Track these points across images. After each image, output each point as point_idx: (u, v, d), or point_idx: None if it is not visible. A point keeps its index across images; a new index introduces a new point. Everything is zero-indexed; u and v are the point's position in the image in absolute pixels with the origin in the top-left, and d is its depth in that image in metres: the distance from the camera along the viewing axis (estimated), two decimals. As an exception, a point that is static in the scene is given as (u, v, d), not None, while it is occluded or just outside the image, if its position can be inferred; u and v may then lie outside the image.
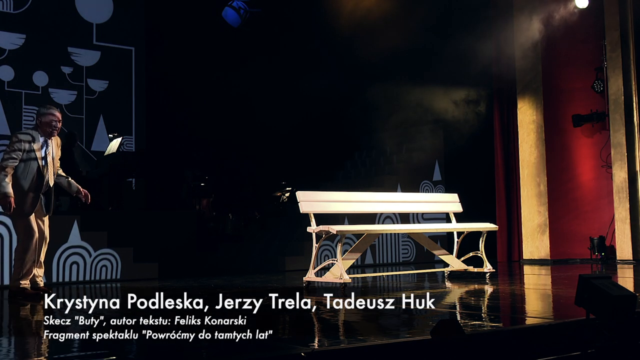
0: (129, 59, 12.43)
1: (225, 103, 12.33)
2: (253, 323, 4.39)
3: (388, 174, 11.76)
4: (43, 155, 6.28)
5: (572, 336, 3.87)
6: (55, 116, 6.32)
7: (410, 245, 11.19)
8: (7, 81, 11.15)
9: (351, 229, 7.34)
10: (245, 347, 3.54)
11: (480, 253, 7.69)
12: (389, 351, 3.27)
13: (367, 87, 11.94)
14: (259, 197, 13.33)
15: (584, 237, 10.52)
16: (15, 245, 7.62)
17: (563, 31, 10.59)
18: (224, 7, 12.26)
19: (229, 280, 7.87)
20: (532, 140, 11.04)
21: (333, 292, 6.17)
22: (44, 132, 6.29)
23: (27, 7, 11.40)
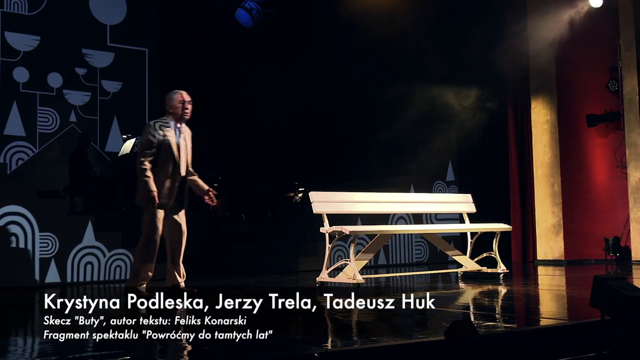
0: (142, 60, 12.49)
1: (238, 103, 12.35)
2: (268, 323, 4.40)
3: (401, 174, 11.72)
4: (177, 142, 5.96)
5: (586, 337, 3.85)
6: (183, 96, 5.98)
7: (424, 246, 11.16)
8: (21, 82, 11.23)
9: (364, 230, 7.34)
10: (258, 347, 3.55)
11: (493, 254, 7.65)
12: (402, 352, 3.27)
13: (380, 87, 11.92)
14: (272, 197, 13.34)
15: (598, 237, 10.45)
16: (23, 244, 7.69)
17: (577, 30, 10.52)
18: (237, 9, 12.30)
19: (242, 280, 7.88)
20: (546, 140, 10.98)
21: (346, 292, 6.16)
22: (174, 116, 5.96)
23: (41, 9, 11.48)
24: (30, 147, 11.25)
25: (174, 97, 5.98)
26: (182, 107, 5.96)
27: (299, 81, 12.12)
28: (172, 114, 5.97)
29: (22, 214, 7.69)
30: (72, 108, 11.67)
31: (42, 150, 11.32)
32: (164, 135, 5.87)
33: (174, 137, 5.94)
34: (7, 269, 7.52)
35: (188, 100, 6.02)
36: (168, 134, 5.90)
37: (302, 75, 12.22)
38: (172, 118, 5.98)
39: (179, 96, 5.98)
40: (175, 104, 5.95)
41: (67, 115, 11.61)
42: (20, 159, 11.15)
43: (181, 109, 5.96)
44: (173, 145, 5.91)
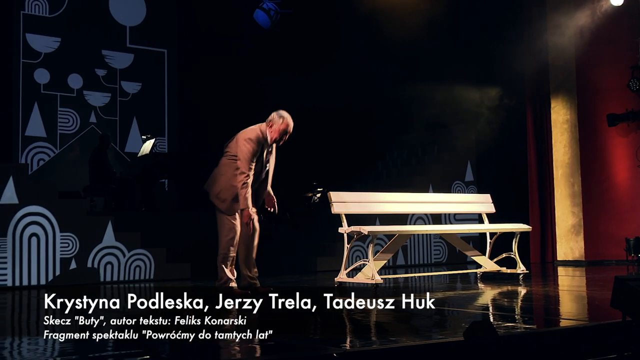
0: (161, 61, 12.57)
1: (255, 104, 12.36)
2: (286, 323, 4.41)
3: (420, 174, 11.69)
4: (266, 159, 6.01)
5: (607, 339, 3.82)
6: (290, 127, 5.99)
7: (442, 246, 11.13)
8: (42, 84, 11.35)
9: (383, 230, 7.33)
10: (277, 347, 3.55)
11: (513, 254, 7.61)
12: (421, 352, 3.26)
13: (398, 87, 11.90)
14: (291, 198, 13.34)
15: (619, 238, 10.35)
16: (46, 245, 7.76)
17: (597, 29, 10.43)
18: (255, 9, 12.33)
19: (260, 280, 7.89)
20: (565, 140, 10.91)
21: (364, 292, 6.16)
22: (272, 137, 5.96)
23: (62, 11, 11.59)
24: (51, 148, 11.36)
25: (279, 122, 5.96)
26: (282, 135, 5.98)
27: (317, 81, 12.13)
28: (270, 131, 5.96)
29: (43, 214, 7.77)
30: (92, 109, 11.77)
31: (62, 151, 11.43)
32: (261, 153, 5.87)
33: (264, 155, 5.95)
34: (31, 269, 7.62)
35: (290, 132, 6.03)
36: (264, 150, 5.91)
37: (320, 76, 12.22)
38: (270, 137, 5.96)
39: (286, 125, 5.96)
40: (279, 128, 5.95)
41: (87, 116, 11.71)
42: (42, 159, 11.26)
43: (280, 136, 5.98)
44: (263, 162, 5.95)
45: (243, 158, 5.80)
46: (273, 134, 5.97)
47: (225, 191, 5.88)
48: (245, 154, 5.81)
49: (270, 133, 5.97)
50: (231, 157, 5.92)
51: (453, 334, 3.80)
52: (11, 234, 7.58)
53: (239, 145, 5.88)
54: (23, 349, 3.69)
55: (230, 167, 5.88)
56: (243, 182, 5.76)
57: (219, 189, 5.93)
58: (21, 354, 3.54)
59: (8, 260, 7.55)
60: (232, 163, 5.88)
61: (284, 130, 5.97)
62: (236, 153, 5.87)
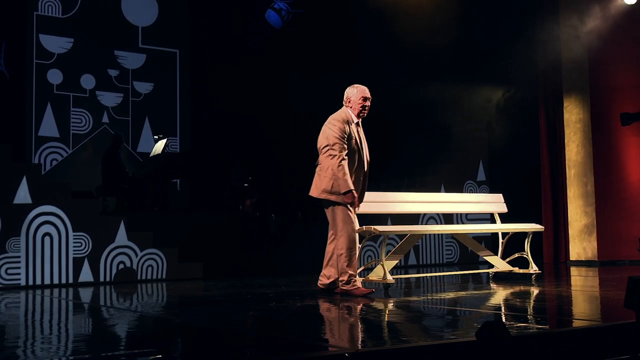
0: (173, 62, 12.61)
1: (267, 104, 12.39)
2: (297, 322, 4.41)
3: (431, 174, 11.67)
4: (359, 137, 5.86)
5: (621, 339, 3.80)
6: (366, 92, 5.87)
7: (454, 246, 11.10)
8: (55, 84, 11.41)
9: (394, 230, 7.32)
10: (288, 346, 3.56)
11: (525, 254, 7.57)
12: (433, 352, 3.25)
13: (410, 87, 11.88)
14: (302, 197, 13.35)
15: (633, 238, 10.28)
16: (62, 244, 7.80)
17: (610, 28, 10.38)
18: (267, 9, 12.35)
19: (272, 280, 7.92)
20: (578, 139, 10.85)
21: (376, 292, 6.16)
22: (356, 110, 5.85)
23: (74, 12, 11.65)
24: (64, 148, 11.42)
25: (355, 92, 5.87)
26: (362, 104, 5.87)
27: (329, 81, 12.12)
28: (352, 108, 5.88)
29: (57, 214, 7.82)
30: (105, 109, 11.83)
31: (75, 151, 11.49)
32: (350, 131, 5.75)
33: (356, 133, 5.83)
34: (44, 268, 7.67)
35: (369, 97, 5.91)
36: (353, 129, 5.79)
37: (332, 75, 12.22)
38: (350, 110, 5.87)
39: (362, 92, 5.87)
40: (356, 99, 5.85)
41: (100, 116, 11.77)
42: (55, 159, 11.33)
43: (361, 106, 5.87)
44: (358, 141, 5.81)
45: (333, 141, 5.67)
46: (355, 107, 5.86)
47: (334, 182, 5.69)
48: (333, 136, 5.68)
49: (352, 108, 5.86)
50: (324, 151, 5.76)
51: (465, 334, 3.79)
52: (25, 233, 7.63)
53: (325, 132, 5.77)
54: (36, 348, 3.71)
55: (327, 159, 5.72)
56: (338, 164, 5.62)
57: (328, 184, 5.72)
58: (34, 353, 3.57)
59: (22, 259, 7.60)
60: (326, 154, 5.71)
61: (363, 97, 5.86)
62: (326, 143, 5.72)
